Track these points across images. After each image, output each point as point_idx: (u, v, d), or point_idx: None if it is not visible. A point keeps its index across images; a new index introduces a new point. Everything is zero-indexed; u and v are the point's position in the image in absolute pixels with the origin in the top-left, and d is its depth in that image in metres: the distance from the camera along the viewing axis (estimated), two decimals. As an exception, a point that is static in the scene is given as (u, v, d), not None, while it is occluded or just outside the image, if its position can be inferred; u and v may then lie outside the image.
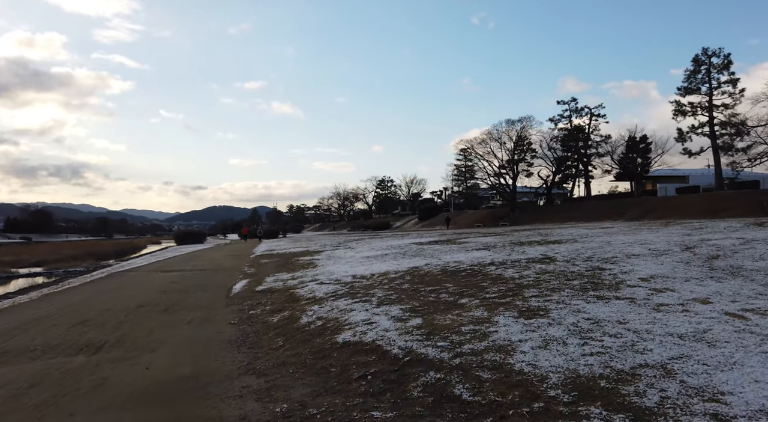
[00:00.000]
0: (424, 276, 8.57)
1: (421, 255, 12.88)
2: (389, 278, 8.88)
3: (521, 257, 9.62)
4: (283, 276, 11.75)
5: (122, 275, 15.17)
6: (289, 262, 16.43)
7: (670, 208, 39.40)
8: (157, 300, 9.40)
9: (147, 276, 14.51)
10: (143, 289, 11.36)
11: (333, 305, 6.76)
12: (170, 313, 8.02)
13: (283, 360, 4.68)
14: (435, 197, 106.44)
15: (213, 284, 11.85)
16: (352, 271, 10.86)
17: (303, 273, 11.90)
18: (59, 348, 5.89)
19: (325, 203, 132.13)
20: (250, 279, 12.01)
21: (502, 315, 4.94)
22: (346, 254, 17.09)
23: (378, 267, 11.00)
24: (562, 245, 11.43)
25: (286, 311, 7.02)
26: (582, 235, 14.60)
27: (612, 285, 6.08)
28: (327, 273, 11.06)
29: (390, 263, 11.55)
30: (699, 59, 39.85)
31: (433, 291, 6.93)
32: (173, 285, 11.81)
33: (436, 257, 11.73)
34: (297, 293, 8.40)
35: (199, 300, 9.26)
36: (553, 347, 3.81)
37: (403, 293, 7.06)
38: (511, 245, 13.04)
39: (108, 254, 48.32)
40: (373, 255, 15.05)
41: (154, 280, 13.40)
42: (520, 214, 56.90)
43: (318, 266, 13.77)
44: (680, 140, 40.90)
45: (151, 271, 16.36)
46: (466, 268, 8.91)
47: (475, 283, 7.21)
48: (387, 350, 4.29)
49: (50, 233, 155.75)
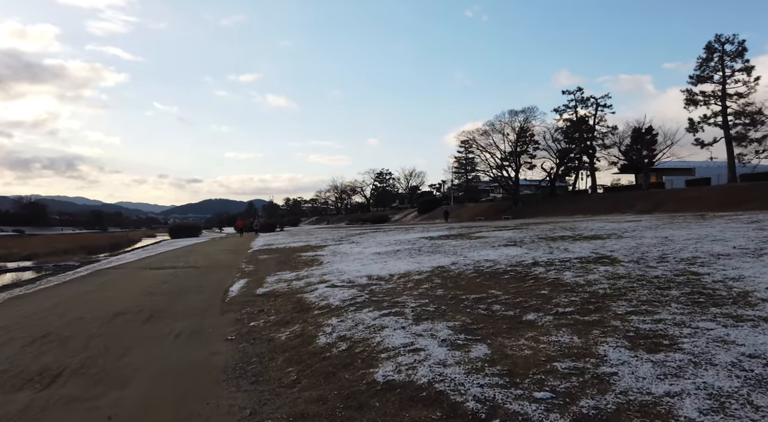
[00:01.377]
0: (458, 279, 7.22)
1: (441, 252, 11.53)
2: (414, 281, 7.52)
3: (569, 256, 8.26)
4: (287, 276, 10.38)
5: (107, 274, 13.75)
6: (290, 258, 15.05)
7: (681, 200, 38.17)
8: (141, 305, 8.01)
9: (134, 275, 13.09)
10: (127, 291, 9.96)
11: (355, 318, 5.39)
12: (154, 323, 6.64)
13: (301, 408, 3.30)
14: (434, 190, 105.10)
15: (207, 284, 10.47)
16: (366, 270, 9.50)
17: (308, 272, 10.53)
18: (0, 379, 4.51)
19: (323, 197, 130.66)
20: (249, 279, 10.63)
21: (606, 343, 3.56)
22: (351, 249, 15.72)
23: (395, 266, 9.63)
24: (609, 241, 10.06)
25: (296, 325, 5.64)
26: (620, 229, 13.25)
27: (736, 298, 4.63)
28: (336, 273, 9.69)
29: (407, 262, 10.19)
30: (712, 46, 38.42)
31: (479, 301, 5.56)
32: (162, 286, 10.42)
33: (461, 255, 10.37)
34: (306, 300, 7.02)
35: (190, 305, 7.87)
36: (735, 411, 2.44)
37: (441, 303, 5.69)
38: (542, 240, 11.70)
39: (101, 247, 46.78)
40: (384, 251, 13.69)
41: (141, 279, 12.00)
42: (522, 207, 55.68)
43: (324, 263, 12.40)
44: (691, 130, 39.57)
45: (139, 268, 14.94)
46: (505, 269, 7.55)
47: (529, 290, 5.85)
48: (456, 401, 2.92)
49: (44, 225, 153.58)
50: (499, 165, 60.18)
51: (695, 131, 39.48)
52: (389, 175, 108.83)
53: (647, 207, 38.99)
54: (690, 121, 39.64)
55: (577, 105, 52.31)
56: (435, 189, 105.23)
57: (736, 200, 33.80)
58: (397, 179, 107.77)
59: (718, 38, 37.98)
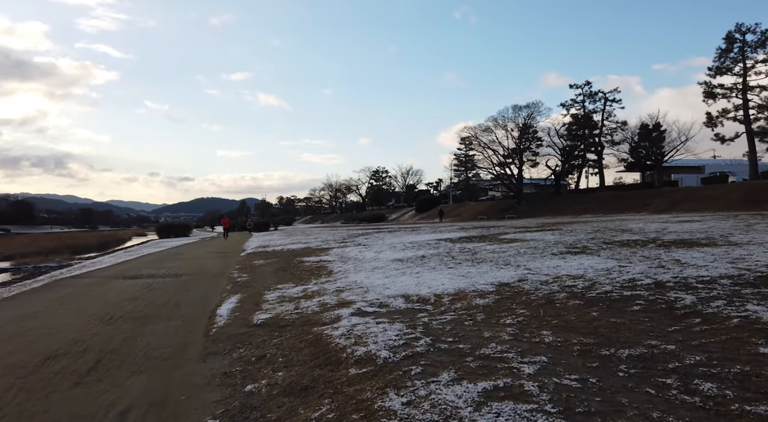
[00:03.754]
0: (552, 308, 4.93)
1: (485, 260, 9.24)
2: (482, 309, 5.21)
3: (699, 274, 5.97)
4: (291, 291, 8.04)
5: (67, 285, 11.31)
6: (291, 265, 12.72)
7: (699, 199, 36.17)
8: (89, 342, 5.65)
9: (100, 287, 10.67)
10: (82, 313, 7.57)
11: (435, 398, 3.05)
12: (95, 379, 4.29)
13: None
14: (431, 188, 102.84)
15: (188, 302, 8.11)
16: (397, 286, 7.18)
17: (319, 286, 8.21)
18: None
19: (317, 195, 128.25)
20: (242, 295, 8.28)
21: None
22: (363, 254, 13.39)
23: (436, 281, 7.31)
24: (716, 249, 7.78)
25: (325, 402, 3.30)
26: (698, 231, 10.94)
27: None
28: (357, 289, 7.37)
29: (449, 275, 7.88)
30: (732, 37, 36.40)
31: (643, 363, 3.26)
32: (130, 305, 8.04)
33: (519, 266, 8.08)
34: (329, 340, 4.68)
35: (158, 341, 5.53)
36: None
37: (571, 362, 3.39)
38: (615, 246, 9.42)
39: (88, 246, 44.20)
40: (405, 258, 11.38)
41: (107, 293, 9.60)
42: (527, 206, 53.63)
43: (334, 272, 10.08)
44: (710, 125, 37.56)
45: (110, 277, 12.51)
46: (618, 292, 5.27)
47: (723, 343, 3.56)
48: None
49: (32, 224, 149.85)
50: (501, 162, 58.12)
51: (713, 126, 37.49)
52: (385, 173, 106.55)
53: (664, 206, 36.99)
54: (708, 115, 37.65)
55: (585, 100, 50.21)
56: (432, 187, 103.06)
57: (760, 198, 31.86)
58: (394, 178, 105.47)
59: (739, 28, 35.98)
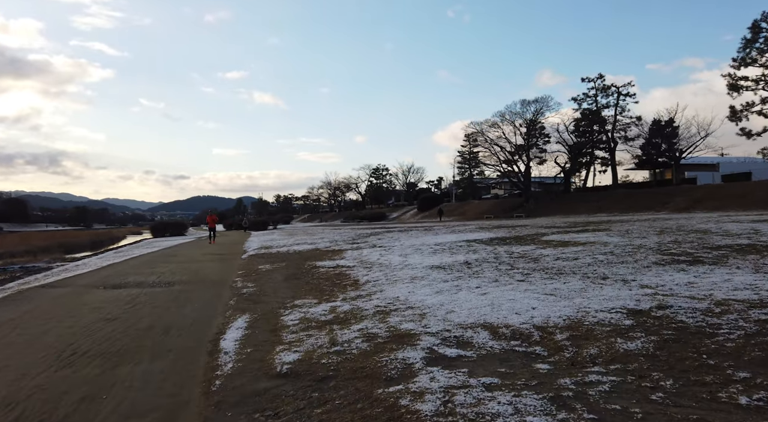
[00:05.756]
0: None
1: (569, 273, 7.32)
2: (648, 359, 3.29)
3: None
4: (315, 311, 6.11)
5: (31, 299, 9.29)
6: (303, 271, 10.80)
7: (723, 197, 34.37)
8: (24, 404, 3.71)
9: (72, 301, 8.67)
10: (32, 346, 5.59)
11: None
12: None
13: None
14: (431, 186, 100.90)
15: (181, 326, 6.16)
16: (464, 308, 5.25)
17: (351, 304, 6.28)
18: None
19: (315, 193, 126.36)
20: (251, 316, 6.34)
21: None
22: (385, 258, 11.46)
23: (515, 301, 5.38)
24: None
25: None
26: None
27: None
28: (408, 311, 5.44)
29: (530, 292, 5.96)
30: (757, 26, 34.58)
31: None
32: (103, 329, 6.09)
33: (625, 281, 6.16)
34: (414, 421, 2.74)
35: (130, 408, 3.59)
36: None
37: None
38: (725, 252, 7.54)
39: (81, 245, 42.31)
40: (446, 264, 9.47)
41: (79, 311, 7.62)
42: (535, 204, 51.81)
43: (361, 282, 8.16)
44: (734, 119, 35.73)
45: (90, 285, 10.52)
46: None
47: None
48: None
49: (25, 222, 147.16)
50: (508, 160, 56.28)
51: (738, 120, 35.66)
52: (386, 171, 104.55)
53: (684, 204, 35.21)
54: (732, 109, 35.81)
55: (597, 94, 48.28)
56: (433, 185, 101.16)
57: (790, 196, 30.14)
58: (395, 175, 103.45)
59: (765, 17, 34.14)
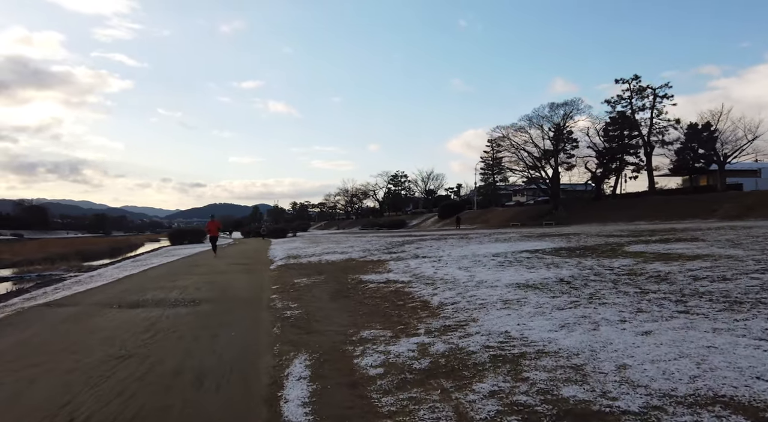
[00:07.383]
0: None
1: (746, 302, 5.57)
2: None
3: None
4: (398, 351, 4.46)
5: (31, 322, 7.74)
6: (348, 286, 9.17)
7: (778, 204, 32.07)
8: None
9: (78, 326, 7.11)
10: (15, 402, 4.02)
11: None
12: None
13: None
14: (451, 193, 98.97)
15: (217, 372, 4.54)
16: (636, 360, 3.53)
17: (445, 344, 4.61)
18: None
19: (331, 201, 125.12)
20: (311, 356, 4.71)
21: None
22: (444, 272, 9.75)
23: (731, 351, 3.66)
24: None
25: None
26: None
27: None
28: (547, 360, 3.75)
29: (721, 335, 4.22)
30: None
31: None
32: (114, 375, 4.50)
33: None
34: None
35: None
36: None
37: None
38: None
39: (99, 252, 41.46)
40: (537, 283, 7.76)
41: (83, 343, 6.05)
42: (565, 211, 49.64)
43: (433, 305, 6.49)
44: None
45: (102, 304, 8.98)
46: None
47: None
48: None
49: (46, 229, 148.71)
50: (535, 165, 54.25)
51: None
52: (404, 177, 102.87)
53: (734, 211, 32.90)
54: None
55: (632, 96, 46.12)
56: (452, 193, 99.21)
57: None
58: (414, 182, 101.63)
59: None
